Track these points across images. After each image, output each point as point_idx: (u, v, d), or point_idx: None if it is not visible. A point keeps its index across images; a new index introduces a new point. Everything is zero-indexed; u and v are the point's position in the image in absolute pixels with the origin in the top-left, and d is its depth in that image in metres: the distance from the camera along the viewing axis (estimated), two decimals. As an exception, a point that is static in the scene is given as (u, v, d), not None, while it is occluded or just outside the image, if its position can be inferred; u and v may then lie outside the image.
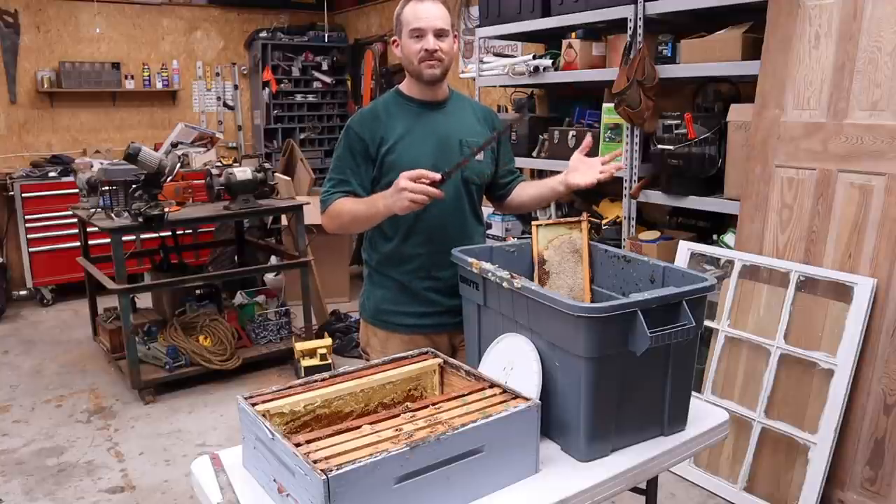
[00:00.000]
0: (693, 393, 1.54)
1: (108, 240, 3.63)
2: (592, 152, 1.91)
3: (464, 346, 1.94)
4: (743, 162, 2.81)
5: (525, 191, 2.07)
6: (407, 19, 1.84)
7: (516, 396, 1.34)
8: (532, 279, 1.76)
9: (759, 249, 2.72)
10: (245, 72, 6.86)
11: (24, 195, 5.32)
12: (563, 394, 1.39)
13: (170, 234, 4.50)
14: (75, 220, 4.43)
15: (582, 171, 1.85)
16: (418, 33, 1.82)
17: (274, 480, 1.21)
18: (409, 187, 1.61)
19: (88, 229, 4.19)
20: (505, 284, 1.48)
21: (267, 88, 6.66)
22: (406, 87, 1.95)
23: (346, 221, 1.86)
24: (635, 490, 1.52)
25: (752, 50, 2.80)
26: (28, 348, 4.61)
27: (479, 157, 1.91)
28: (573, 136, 3.58)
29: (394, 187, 1.66)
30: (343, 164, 1.90)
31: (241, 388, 3.85)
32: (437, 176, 1.63)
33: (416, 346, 1.91)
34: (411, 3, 1.85)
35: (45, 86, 5.80)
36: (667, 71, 3.08)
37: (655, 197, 3.21)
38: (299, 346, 3.89)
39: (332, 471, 1.07)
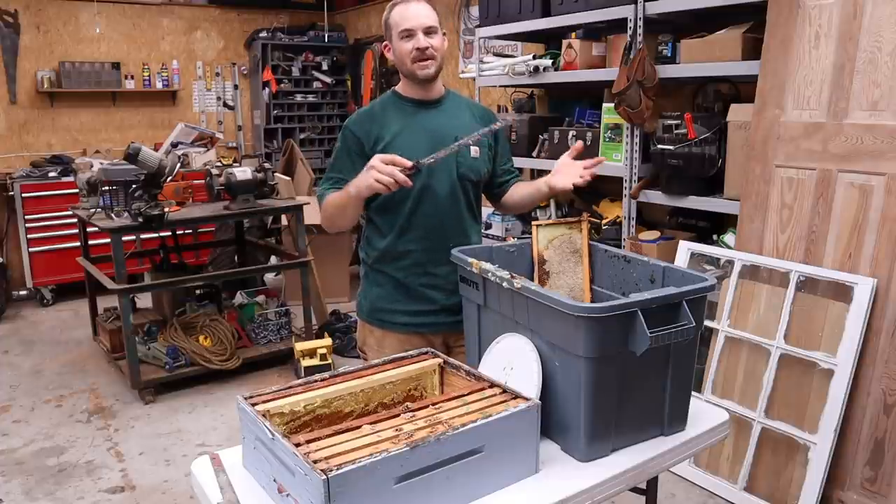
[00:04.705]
0: (693, 393, 1.54)
1: (108, 240, 3.63)
2: (593, 152, 1.91)
3: (460, 347, 1.94)
4: (743, 162, 2.81)
5: (518, 191, 2.09)
6: (395, 21, 1.89)
7: (516, 396, 1.34)
8: (532, 279, 1.76)
9: (759, 249, 2.72)
10: (245, 72, 6.86)
11: (24, 195, 5.31)
12: (563, 394, 1.39)
13: (170, 234, 4.50)
14: (75, 220, 4.43)
15: (563, 173, 1.88)
16: (408, 33, 1.86)
17: (274, 480, 1.21)
18: (378, 167, 1.65)
19: (88, 229, 4.19)
20: (505, 284, 1.48)
21: (267, 88, 6.66)
22: (402, 87, 1.98)
23: (332, 212, 1.89)
24: (635, 490, 1.52)
25: (752, 50, 2.80)
26: (28, 348, 4.60)
27: (476, 154, 1.93)
28: (573, 136, 3.58)
29: (366, 167, 1.69)
30: (339, 163, 1.95)
31: (241, 388, 3.85)
32: (408, 163, 1.66)
33: (412, 346, 1.92)
34: (398, 6, 1.90)
35: (45, 86, 5.79)
36: (667, 71, 3.08)
37: (655, 197, 3.21)
38: (299, 346, 3.89)
39: (332, 471, 1.07)
